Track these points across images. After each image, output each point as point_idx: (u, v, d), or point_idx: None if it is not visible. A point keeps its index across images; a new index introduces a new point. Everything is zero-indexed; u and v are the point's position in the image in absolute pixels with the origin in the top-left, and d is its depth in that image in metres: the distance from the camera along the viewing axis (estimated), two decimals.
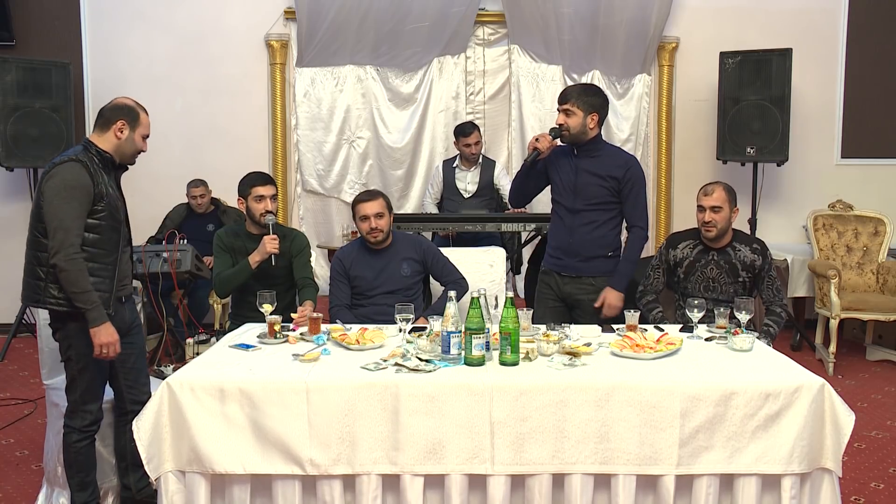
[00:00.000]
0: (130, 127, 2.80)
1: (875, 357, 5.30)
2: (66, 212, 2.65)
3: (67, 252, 2.64)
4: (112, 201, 2.77)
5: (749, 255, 3.44)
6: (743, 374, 2.48)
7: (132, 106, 2.84)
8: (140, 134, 2.84)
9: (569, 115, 3.30)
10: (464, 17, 5.92)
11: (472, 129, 5.33)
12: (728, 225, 3.44)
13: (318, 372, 2.50)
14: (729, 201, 3.41)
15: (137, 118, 2.82)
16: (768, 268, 3.47)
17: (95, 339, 2.68)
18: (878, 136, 6.15)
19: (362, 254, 3.63)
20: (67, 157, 2.71)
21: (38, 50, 5.78)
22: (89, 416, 2.82)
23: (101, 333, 2.68)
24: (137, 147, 2.84)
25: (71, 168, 2.68)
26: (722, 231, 3.42)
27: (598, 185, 3.32)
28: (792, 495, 2.37)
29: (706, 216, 3.40)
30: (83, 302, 2.66)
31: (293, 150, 6.12)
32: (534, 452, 2.36)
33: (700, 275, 3.47)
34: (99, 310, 2.67)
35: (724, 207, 3.39)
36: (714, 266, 3.45)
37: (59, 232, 2.65)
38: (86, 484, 2.87)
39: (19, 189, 5.84)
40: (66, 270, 2.64)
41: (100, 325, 2.67)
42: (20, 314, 5.43)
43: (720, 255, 3.46)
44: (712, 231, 3.41)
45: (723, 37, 5.95)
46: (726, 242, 3.47)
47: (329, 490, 2.39)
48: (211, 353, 2.78)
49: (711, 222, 3.40)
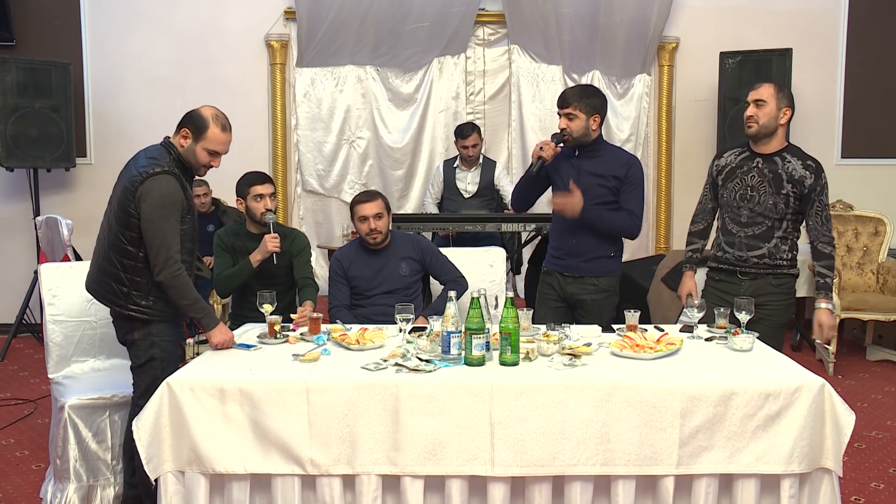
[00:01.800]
0: (194, 137, 2.72)
1: (875, 357, 5.30)
2: (167, 230, 2.66)
3: (171, 270, 2.67)
4: (193, 211, 2.79)
5: (800, 170, 3.07)
6: (743, 374, 2.48)
7: (204, 116, 2.73)
8: (204, 147, 2.72)
9: (571, 119, 3.29)
10: (464, 17, 5.93)
11: (470, 131, 5.33)
12: (774, 124, 3.08)
13: (318, 372, 2.49)
14: (777, 97, 3.07)
15: (205, 130, 2.71)
16: (820, 190, 3.08)
17: (212, 339, 2.76)
18: (878, 136, 6.15)
19: (361, 254, 3.63)
20: (160, 168, 2.67)
21: (38, 50, 5.78)
22: None
23: (216, 335, 2.76)
24: (200, 160, 2.74)
25: (167, 183, 2.66)
26: (766, 129, 3.07)
27: (600, 186, 3.31)
28: (791, 495, 2.37)
29: (749, 110, 3.09)
30: (195, 311, 2.73)
31: (293, 150, 6.12)
32: (534, 453, 2.36)
33: (739, 181, 3.14)
34: (210, 314, 2.75)
35: (770, 102, 3.05)
36: (756, 173, 3.11)
37: (161, 250, 2.66)
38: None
39: (19, 189, 5.84)
40: (173, 287, 2.69)
41: (214, 326, 2.76)
42: (20, 314, 5.43)
43: (766, 163, 3.10)
44: (753, 126, 3.07)
45: (723, 37, 5.95)
46: (776, 149, 3.11)
47: (329, 490, 2.39)
48: (211, 353, 2.78)
49: (753, 116, 3.07)
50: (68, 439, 3.04)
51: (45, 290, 3.29)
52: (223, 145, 2.77)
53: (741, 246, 3.16)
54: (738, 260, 3.18)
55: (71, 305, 3.28)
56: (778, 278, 3.15)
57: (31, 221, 5.66)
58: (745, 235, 3.14)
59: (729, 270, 3.22)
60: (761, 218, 3.11)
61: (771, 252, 3.13)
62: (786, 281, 3.17)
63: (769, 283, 3.15)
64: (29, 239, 5.82)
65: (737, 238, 3.17)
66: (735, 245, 3.18)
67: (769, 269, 3.14)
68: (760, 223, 3.12)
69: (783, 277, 3.16)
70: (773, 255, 3.13)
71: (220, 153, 2.79)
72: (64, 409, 3.05)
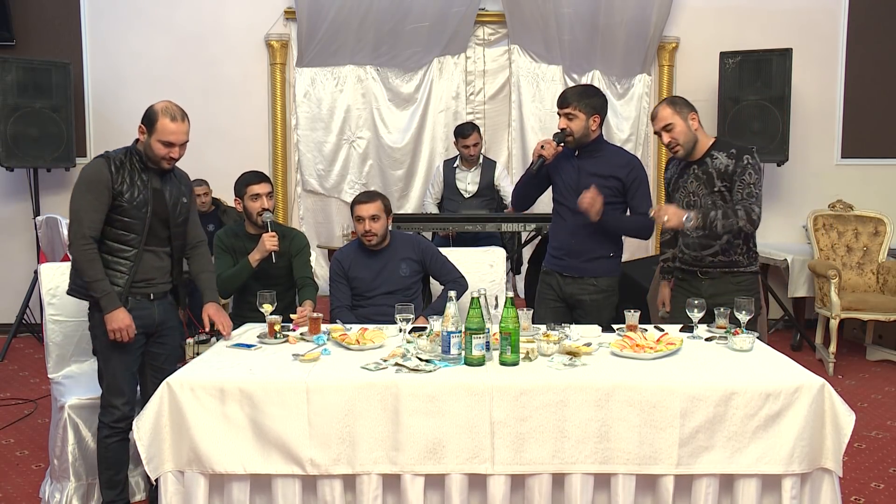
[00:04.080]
0: (148, 132, 2.79)
1: (875, 357, 5.30)
2: (80, 205, 2.76)
3: (79, 243, 2.73)
4: (136, 200, 2.78)
5: (724, 161, 3.12)
6: (743, 374, 2.48)
7: (155, 110, 2.79)
8: (157, 139, 2.77)
9: (571, 119, 3.29)
10: (464, 17, 5.92)
11: (470, 130, 5.33)
12: (692, 134, 3.15)
13: (318, 372, 2.49)
14: (678, 112, 3.14)
15: (155, 123, 2.77)
16: (741, 171, 3.09)
17: (108, 324, 2.75)
18: (878, 136, 6.15)
19: (360, 255, 3.63)
20: (100, 155, 2.83)
21: (38, 50, 5.78)
22: (116, 411, 2.84)
23: (113, 319, 2.76)
24: (157, 153, 2.79)
25: (93, 164, 2.80)
26: (689, 144, 3.15)
27: (601, 186, 3.32)
28: (792, 495, 2.37)
29: (665, 139, 3.17)
30: (95, 290, 2.75)
31: (293, 150, 6.12)
32: (534, 452, 2.36)
33: (683, 190, 3.25)
34: (110, 297, 2.75)
35: (675, 121, 3.13)
36: (693, 179, 3.20)
37: (73, 223, 2.77)
38: (114, 482, 2.90)
39: (19, 189, 5.84)
40: (77, 260, 2.77)
41: (111, 311, 2.75)
42: (20, 314, 5.43)
43: (699, 167, 3.19)
44: (679, 150, 3.16)
45: (723, 37, 5.95)
46: (703, 152, 3.18)
47: (329, 490, 2.39)
48: (211, 353, 2.78)
49: (671, 142, 3.15)
50: (68, 439, 3.05)
51: (45, 290, 3.30)
52: (175, 135, 2.79)
53: (695, 246, 3.24)
54: (695, 260, 3.26)
55: (71, 305, 3.28)
56: (736, 276, 3.21)
57: (31, 221, 5.67)
58: (697, 236, 3.20)
59: (690, 271, 3.30)
60: None
61: (724, 248, 3.19)
62: (745, 278, 3.22)
63: (728, 282, 3.21)
64: (29, 239, 5.83)
65: (691, 239, 3.24)
66: (690, 246, 3.25)
67: (726, 268, 3.21)
68: None
69: (742, 275, 3.22)
70: (727, 252, 3.19)
71: (175, 143, 2.81)
72: (64, 408, 3.06)
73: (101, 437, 2.87)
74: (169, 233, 2.92)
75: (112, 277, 2.79)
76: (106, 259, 2.79)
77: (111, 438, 2.85)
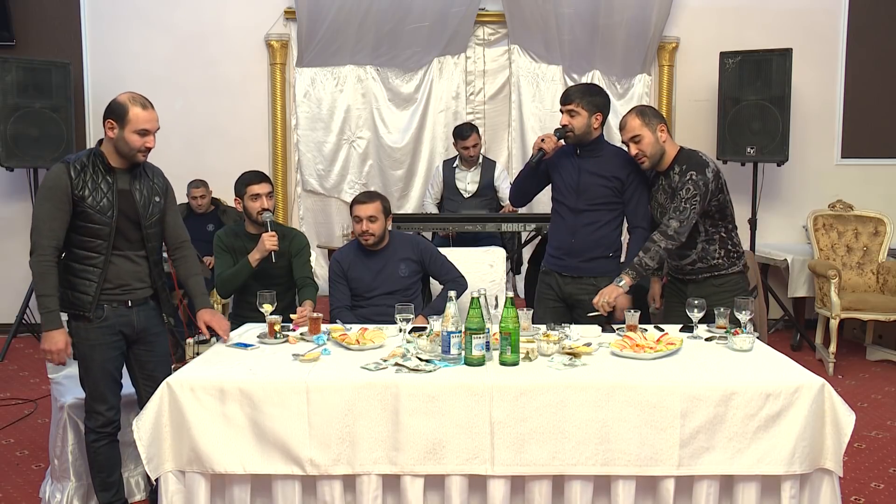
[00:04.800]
0: (119, 125, 2.67)
1: (875, 357, 5.30)
2: (39, 214, 2.68)
3: (36, 254, 2.67)
4: (100, 204, 2.67)
5: (676, 177, 3.15)
6: (743, 374, 2.48)
7: (121, 102, 2.69)
8: (132, 130, 2.66)
9: (573, 116, 3.30)
10: (464, 17, 5.92)
11: (469, 132, 5.32)
12: (659, 146, 3.15)
13: (318, 372, 2.49)
14: (646, 124, 3.14)
15: (125, 115, 2.66)
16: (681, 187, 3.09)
17: (42, 342, 2.69)
18: (878, 136, 6.15)
19: (359, 255, 3.63)
20: (61, 159, 2.72)
21: (38, 50, 5.78)
22: (100, 417, 2.80)
23: (47, 339, 2.67)
24: (133, 144, 2.68)
25: (53, 170, 2.68)
26: (655, 156, 3.15)
27: (601, 186, 3.32)
28: (792, 495, 2.37)
29: (632, 150, 3.18)
30: (40, 305, 2.67)
31: (293, 150, 6.12)
32: (534, 453, 2.36)
33: (655, 201, 3.28)
34: (50, 316, 2.66)
35: (643, 133, 3.13)
36: (661, 191, 3.24)
37: (33, 233, 2.68)
38: (108, 484, 2.87)
39: (19, 189, 5.84)
40: (33, 273, 2.68)
41: (48, 330, 2.66)
42: (20, 314, 5.43)
43: (665, 179, 3.21)
44: (645, 161, 3.17)
45: (723, 37, 5.94)
46: (668, 164, 3.20)
47: (329, 490, 2.39)
48: (211, 353, 2.78)
49: (638, 154, 3.16)
50: (68, 439, 3.04)
51: None
52: (149, 122, 2.70)
53: (674, 256, 3.30)
54: (676, 269, 3.34)
55: None
56: (718, 279, 3.25)
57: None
58: (672, 246, 3.18)
59: (676, 278, 3.38)
60: None
61: (700, 256, 3.24)
62: (728, 279, 3.25)
63: (711, 285, 3.25)
64: (29, 239, 5.82)
65: None
66: (671, 256, 3.30)
67: (707, 273, 3.25)
68: None
69: (724, 277, 3.25)
70: (704, 259, 3.24)
71: (150, 131, 2.73)
72: (64, 408, 3.05)
73: (89, 442, 2.84)
74: (141, 234, 2.78)
75: (80, 286, 2.70)
76: (73, 267, 2.70)
77: (99, 442, 2.82)
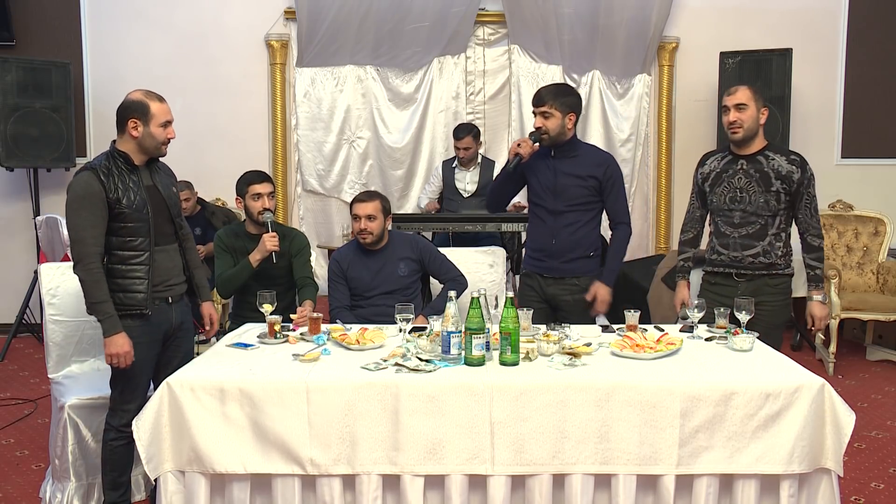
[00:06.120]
0: (143, 122, 2.74)
1: (875, 357, 5.30)
2: (77, 224, 2.68)
3: (84, 263, 2.66)
4: (135, 202, 2.73)
5: (785, 166, 3.09)
6: (743, 374, 2.48)
7: (139, 100, 2.75)
8: (156, 124, 2.75)
9: (547, 118, 3.28)
10: (464, 17, 5.92)
11: (464, 133, 5.32)
12: (756, 126, 3.10)
13: (318, 372, 2.50)
14: (755, 100, 3.09)
15: (148, 111, 2.73)
16: (808, 182, 3.10)
17: (106, 348, 2.69)
18: (878, 136, 6.15)
19: (359, 255, 3.63)
20: (83, 166, 2.74)
21: (38, 50, 5.78)
22: (128, 415, 2.76)
23: (112, 344, 2.68)
24: (159, 138, 2.77)
25: (80, 178, 2.71)
26: (750, 132, 3.09)
27: (578, 186, 3.31)
28: (791, 494, 2.37)
29: (731, 115, 3.09)
30: (98, 312, 2.69)
31: (293, 150, 6.12)
32: (534, 452, 2.36)
33: (727, 185, 3.17)
34: (111, 321, 2.68)
35: (750, 105, 3.07)
36: (742, 175, 3.13)
37: (75, 244, 2.68)
38: (118, 484, 2.87)
39: (19, 189, 5.84)
40: (83, 281, 2.68)
41: (112, 335, 2.68)
42: (20, 314, 5.43)
43: (750, 163, 3.12)
44: (738, 132, 3.08)
45: (723, 37, 5.95)
46: (757, 149, 3.13)
47: (329, 490, 2.39)
48: (211, 353, 2.78)
49: (737, 122, 3.08)
50: (68, 439, 3.04)
51: (45, 290, 3.29)
52: (169, 114, 2.80)
53: (736, 246, 3.18)
54: (734, 261, 3.20)
55: (71, 305, 3.28)
56: (774, 278, 3.17)
57: (31, 221, 5.67)
58: (739, 236, 3.16)
59: (724, 273, 3.24)
60: (754, 217, 3.14)
61: (766, 250, 3.15)
62: (782, 281, 3.19)
63: (766, 284, 3.16)
64: (29, 239, 5.82)
65: (731, 239, 3.19)
66: (730, 246, 3.19)
67: (764, 270, 3.16)
68: (754, 222, 3.15)
69: (779, 277, 3.18)
70: (768, 253, 3.15)
71: (171, 121, 2.81)
72: (64, 408, 3.05)
73: (106, 440, 2.83)
74: (174, 226, 2.88)
75: (130, 286, 2.72)
76: (120, 269, 2.72)
77: (117, 441, 2.82)
